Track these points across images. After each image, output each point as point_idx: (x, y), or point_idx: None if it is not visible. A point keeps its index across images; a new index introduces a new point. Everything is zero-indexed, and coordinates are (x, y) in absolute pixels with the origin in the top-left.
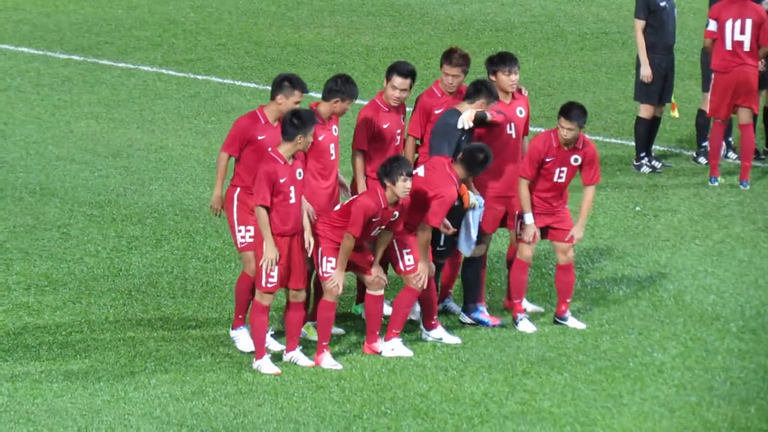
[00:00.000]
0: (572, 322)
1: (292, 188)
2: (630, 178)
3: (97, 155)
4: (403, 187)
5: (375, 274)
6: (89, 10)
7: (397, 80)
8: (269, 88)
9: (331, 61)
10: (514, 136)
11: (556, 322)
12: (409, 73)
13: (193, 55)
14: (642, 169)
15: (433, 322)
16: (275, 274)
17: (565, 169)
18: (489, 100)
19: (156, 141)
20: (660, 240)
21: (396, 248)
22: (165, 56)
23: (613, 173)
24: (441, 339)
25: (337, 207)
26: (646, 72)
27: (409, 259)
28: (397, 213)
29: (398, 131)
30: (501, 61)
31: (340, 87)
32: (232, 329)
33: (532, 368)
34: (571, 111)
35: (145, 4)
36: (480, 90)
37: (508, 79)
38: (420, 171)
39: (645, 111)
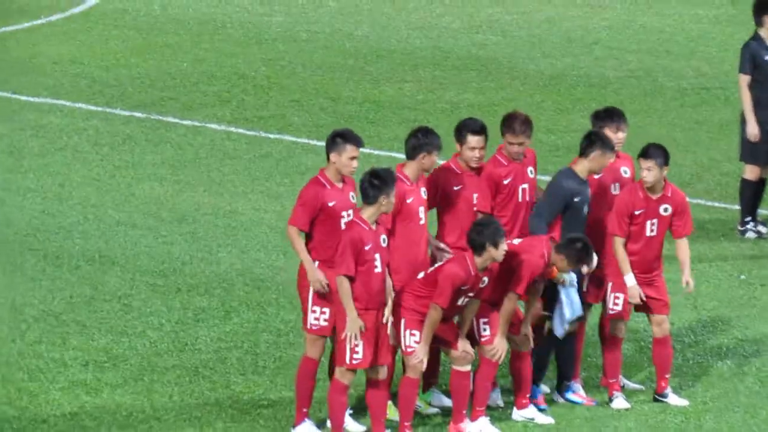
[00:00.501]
0: (673, 400)
1: (377, 256)
2: (734, 244)
3: (160, 220)
4: (503, 250)
5: (461, 348)
6: (152, 64)
7: (472, 140)
8: None
9: (413, 118)
10: None
11: (656, 400)
12: (482, 129)
13: (265, 112)
14: (747, 234)
15: (524, 401)
16: (360, 349)
17: (655, 221)
18: (604, 151)
19: (224, 205)
20: (766, 311)
21: (474, 317)
22: (234, 113)
23: (717, 239)
24: (533, 419)
25: (421, 275)
26: (753, 130)
27: (485, 329)
28: (486, 279)
29: (475, 195)
30: (608, 116)
31: (423, 140)
32: (294, 428)
33: None
34: (648, 149)
35: (212, 58)
36: (594, 142)
37: (614, 137)
38: (516, 240)
39: (751, 172)
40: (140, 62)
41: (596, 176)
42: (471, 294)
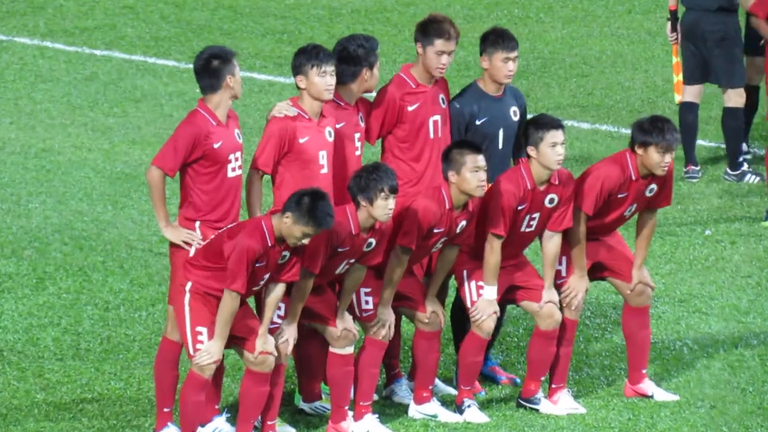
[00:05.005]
0: (546, 407)
1: (266, 276)
2: (696, 189)
3: None
4: (383, 207)
5: (341, 326)
6: None
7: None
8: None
9: (280, 29)
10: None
11: (520, 405)
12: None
13: (89, 22)
14: (748, 179)
15: (425, 394)
16: (205, 338)
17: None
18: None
19: (37, 141)
20: (739, 276)
21: None
22: (50, 24)
23: (674, 183)
24: (436, 416)
25: None
26: None
27: (367, 302)
28: (372, 241)
29: (356, 134)
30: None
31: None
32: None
33: None
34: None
35: None
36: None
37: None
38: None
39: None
40: None
41: None
42: (352, 259)
